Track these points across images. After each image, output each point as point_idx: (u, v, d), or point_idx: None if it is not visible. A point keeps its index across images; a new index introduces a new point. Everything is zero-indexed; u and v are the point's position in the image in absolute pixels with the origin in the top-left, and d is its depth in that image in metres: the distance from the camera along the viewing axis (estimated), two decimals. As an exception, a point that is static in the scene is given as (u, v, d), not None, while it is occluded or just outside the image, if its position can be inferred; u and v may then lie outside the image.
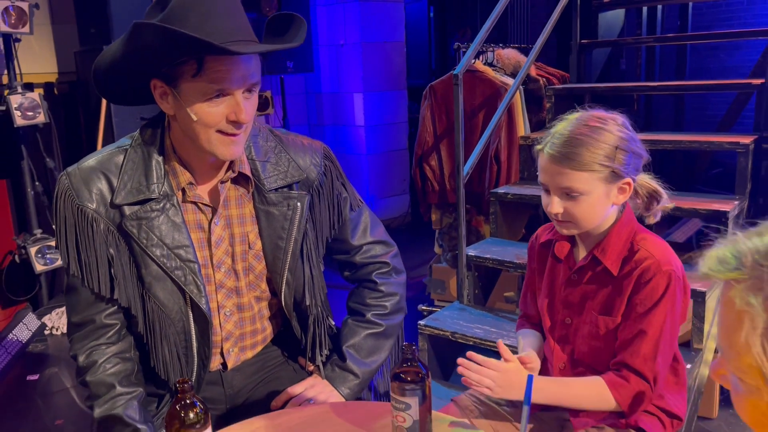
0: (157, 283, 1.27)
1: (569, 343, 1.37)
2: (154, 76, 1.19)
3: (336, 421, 1.21)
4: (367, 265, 1.49)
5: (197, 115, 1.16)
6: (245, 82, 1.17)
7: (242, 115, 1.17)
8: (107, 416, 1.25)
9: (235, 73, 1.15)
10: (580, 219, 1.27)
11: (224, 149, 1.21)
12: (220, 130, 1.19)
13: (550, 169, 1.25)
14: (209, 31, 1.10)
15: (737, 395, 0.60)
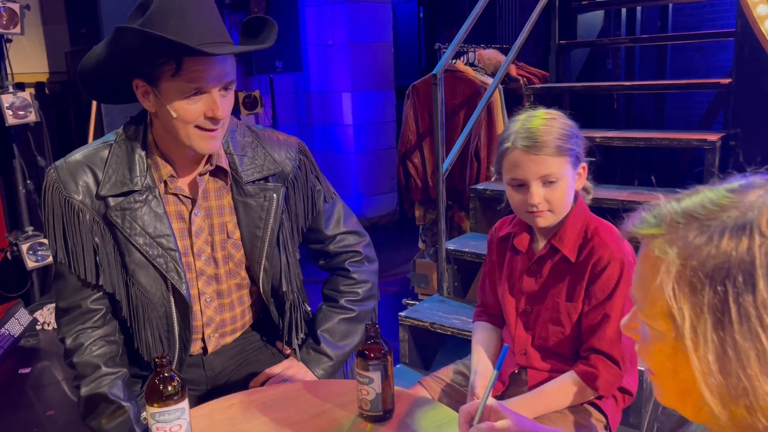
0: (140, 270, 1.35)
1: (530, 330, 1.46)
2: (136, 76, 1.28)
3: (308, 396, 1.30)
4: (340, 254, 1.58)
5: (177, 112, 1.25)
6: (221, 81, 1.26)
7: (219, 112, 1.26)
8: (93, 395, 1.33)
9: (211, 72, 1.23)
10: (557, 205, 1.36)
11: (202, 143, 1.29)
12: (198, 126, 1.27)
13: (526, 160, 1.33)
14: (186, 33, 1.19)
15: (644, 344, 0.67)
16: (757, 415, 0.56)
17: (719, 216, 0.60)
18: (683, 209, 0.63)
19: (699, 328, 0.58)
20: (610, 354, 1.33)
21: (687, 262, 0.60)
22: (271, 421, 1.21)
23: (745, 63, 2.77)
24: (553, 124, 1.36)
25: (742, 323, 0.56)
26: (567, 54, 3.76)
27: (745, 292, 0.56)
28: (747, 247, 0.57)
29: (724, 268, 0.57)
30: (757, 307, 0.56)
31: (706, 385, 0.58)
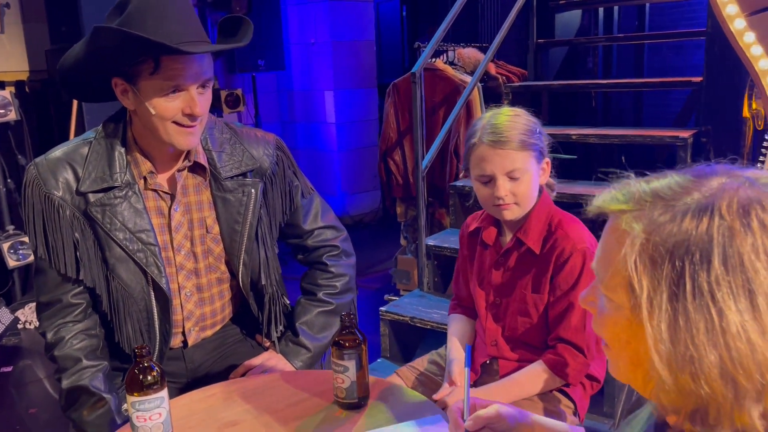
0: (121, 265, 1.38)
1: (500, 321, 1.51)
2: (114, 75, 1.30)
3: (286, 386, 1.34)
4: (318, 248, 1.62)
5: (155, 109, 1.28)
6: (198, 79, 1.29)
7: (196, 109, 1.29)
8: (74, 387, 1.35)
9: (188, 70, 1.27)
10: (523, 198, 1.41)
11: (181, 139, 1.32)
12: (176, 122, 1.30)
13: (493, 155, 1.38)
14: (164, 33, 1.22)
15: (601, 316, 0.71)
16: (701, 382, 0.60)
17: (683, 198, 0.64)
18: (651, 189, 0.67)
19: (655, 299, 0.62)
20: (575, 343, 1.38)
21: (650, 237, 0.64)
22: (251, 410, 1.24)
23: (716, 61, 2.84)
24: (518, 120, 1.41)
25: (695, 296, 0.60)
26: (545, 53, 3.82)
27: (700, 268, 0.60)
28: (706, 228, 0.61)
29: (684, 245, 0.61)
30: (710, 283, 0.60)
31: (657, 352, 0.62)
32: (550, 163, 1.47)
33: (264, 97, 5.57)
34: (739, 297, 0.59)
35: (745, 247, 0.60)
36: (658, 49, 5.37)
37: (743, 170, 0.66)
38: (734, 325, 0.59)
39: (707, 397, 0.61)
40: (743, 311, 0.59)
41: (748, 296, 0.59)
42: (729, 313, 0.59)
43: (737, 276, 0.59)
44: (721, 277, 0.60)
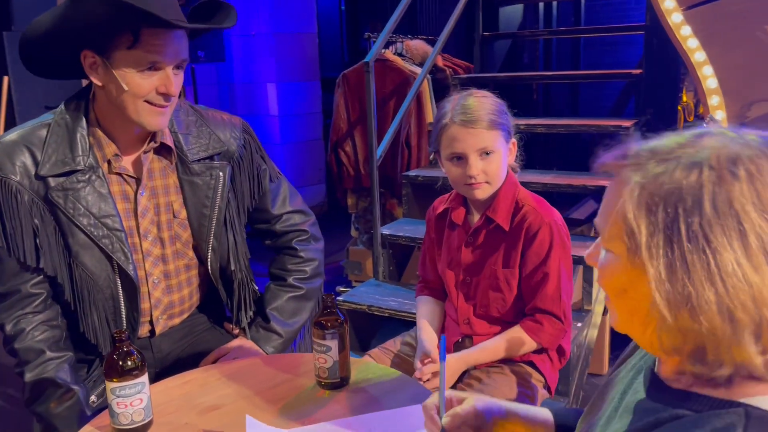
0: (85, 252, 1.32)
1: (471, 299, 1.54)
2: (85, 47, 1.25)
3: (263, 369, 1.32)
4: (287, 233, 1.60)
5: (129, 85, 1.23)
6: (176, 57, 1.25)
7: (172, 88, 1.25)
8: (39, 380, 1.29)
9: (168, 47, 1.23)
10: (493, 176, 1.44)
11: (151, 119, 1.28)
12: (148, 101, 1.26)
13: (464, 134, 1.41)
14: (149, 3, 1.17)
15: (602, 269, 0.75)
16: (699, 318, 0.64)
17: (677, 152, 0.68)
18: (649, 147, 0.71)
19: (653, 243, 0.66)
20: (552, 311, 1.43)
21: (646, 187, 0.67)
22: (230, 393, 1.22)
23: (654, 54, 2.98)
24: (486, 101, 1.45)
25: (690, 239, 0.64)
26: (491, 45, 3.90)
27: (693, 213, 0.64)
28: (697, 177, 0.65)
29: (676, 193, 0.65)
30: (703, 226, 0.63)
31: (658, 291, 0.65)
32: (516, 144, 1.51)
33: (204, 89, 5.44)
34: (732, 237, 0.63)
35: (733, 193, 0.63)
36: (592, 46, 5.58)
37: (735, 130, 0.70)
38: (729, 264, 0.62)
39: (707, 333, 0.64)
40: (736, 250, 0.62)
41: (739, 237, 0.63)
42: (723, 252, 0.62)
43: (728, 219, 0.63)
44: (714, 221, 0.63)
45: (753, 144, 0.67)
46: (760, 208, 0.63)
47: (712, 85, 2.68)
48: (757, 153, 0.66)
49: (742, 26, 2.56)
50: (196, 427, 1.12)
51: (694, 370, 0.68)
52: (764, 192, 0.64)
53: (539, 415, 1.05)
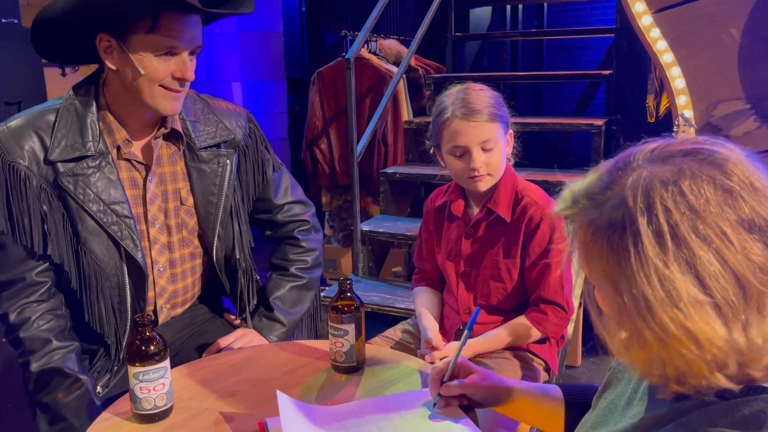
0: (93, 238, 1.30)
1: (471, 289, 1.57)
2: (102, 30, 1.23)
3: (276, 355, 1.32)
4: (288, 223, 1.60)
5: (145, 69, 1.22)
6: (192, 43, 1.25)
7: (188, 73, 1.25)
8: (46, 369, 1.26)
9: (186, 32, 1.23)
10: (495, 169, 1.47)
11: (166, 104, 1.27)
12: (163, 86, 1.25)
13: (467, 127, 1.43)
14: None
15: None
16: (652, 353, 0.66)
17: (606, 192, 0.70)
18: (586, 189, 0.73)
19: (602, 288, 0.70)
20: (555, 300, 1.47)
21: (586, 235, 0.71)
22: (247, 380, 1.22)
23: (624, 55, 3.09)
24: (484, 94, 1.48)
25: (623, 282, 0.66)
26: (462, 46, 3.97)
27: (622, 257, 0.65)
28: (620, 219, 0.66)
29: (608, 239, 0.67)
30: (630, 271, 0.65)
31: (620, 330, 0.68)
32: (513, 135, 1.55)
33: (168, 87, 5.36)
34: (653, 281, 0.64)
35: (646, 235, 0.64)
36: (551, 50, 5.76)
37: (670, 140, 0.71)
38: (654, 305, 0.64)
39: (666, 364, 0.66)
40: (658, 292, 0.64)
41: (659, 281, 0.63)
42: (647, 294, 0.64)
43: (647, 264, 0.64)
44: (637, 266, 0.65)
45: (674, 157, 0.68)
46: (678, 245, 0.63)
47: (679, 86, 2.80)
48: (676, 172, 0.66)
49: (708, 29, 2.68)
50: (217, 411, 1.12)
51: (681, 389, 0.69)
52: (681, 225, 0.63)
53: (547, 391, 1.08)
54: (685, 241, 0.63)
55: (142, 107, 1.28)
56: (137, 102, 1.27)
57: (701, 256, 0.63)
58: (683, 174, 0.65)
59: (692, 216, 0.63)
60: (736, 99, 2.71)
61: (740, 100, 2.71)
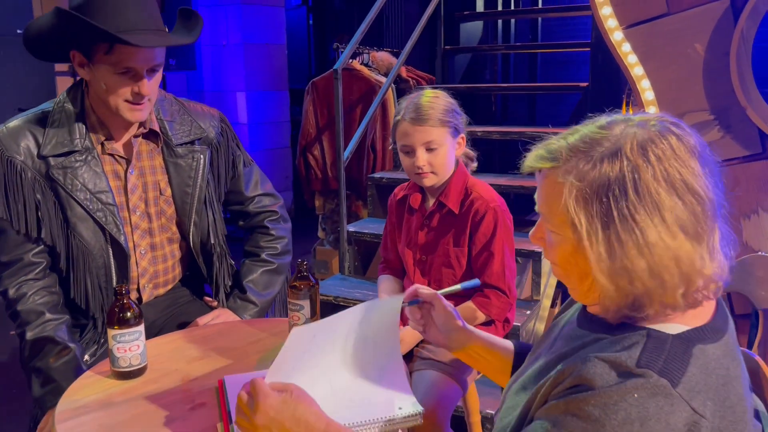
0: (81, 223, 1.48)
1: (426, 275, 1.74)
2: (72, 48, 1.42)
3: (243, 329, 1.49)
4: (259, 213, 1.78)
5: (107, 84, 1.41)
6: (148, 63, 1.42)
7: (144, 89, 1.42)
8: (39, 338, 1.43)
9: (139, 54, 1.39)
10: (439, 168, 1.63)
11: (129, 114, 1.45)
12: (126, 100, 1.43)
13: (413, 130, 1.60)
14: (121, 19, 1.34)
15: (551, 247, 0.88)
16: (635, 283, 0.79)
17: (597, 148, 0.82)
18: (569, 145, 0.84)
19: (592, 230, 0.80)
20: (498, 286, 1.63)
21: (580, 184, 0.81)
22: (214, 348, 1.38)
23: (599, 68, 3.25)
24: (437, 101, 1.64)
25: (622, 221, 0.78)
26: (451, 58, 4.14)
27: (621, 199, 0.78)
28: (618, 168, 0.79)
29: (606, 185, 0.79)
30: (630, 210, 0.78)
31: (600, 270, 0.80)
32: (465, 138, 1.71)
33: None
34: (652, 215, 0.78)
35: (647, 178, 0.78)
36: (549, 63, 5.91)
37: (633, 116, 0.86)
38: (653, 236, 0.78)
39: (642, 293, 0.80)
40: (657, 225, 0.78)
41: (658, 213, 0.78)
42: (648, 228, 0.78)
43: (647, 200, 0.78)
44: (637, 204, 0.78)
45: (654, 128, 0.82)
46: (670, 184, 0.78)
47: (649, 97, 2.95)
48: (657, 134, 0.80)
49: (675, 44, 2.83)
50: (184, 372, 1.28)
51: (629, 314, 0.82)
52: (671, 170, 0.78)
53: (502, 343, 1.21)
54: (675, 183, 0.78)
55: (114, 113, 1.46)
56: (109, 109, 1.45)
57: (686, 194, 0.78)
58: (665, 133, 0.80)
59: (677, 164, 0.79)
60: (701, 110, 2.85)
61: (705, 111, 2.85)
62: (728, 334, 0.84)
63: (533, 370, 0.95)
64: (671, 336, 0.80)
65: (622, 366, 0.76)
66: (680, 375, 0.75)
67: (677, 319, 0.82)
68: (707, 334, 0.82)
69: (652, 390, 0.73)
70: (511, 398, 0.96)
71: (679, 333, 0.81)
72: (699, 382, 0.76)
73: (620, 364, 0.76)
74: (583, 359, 0.79)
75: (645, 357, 0.76)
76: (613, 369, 0.76)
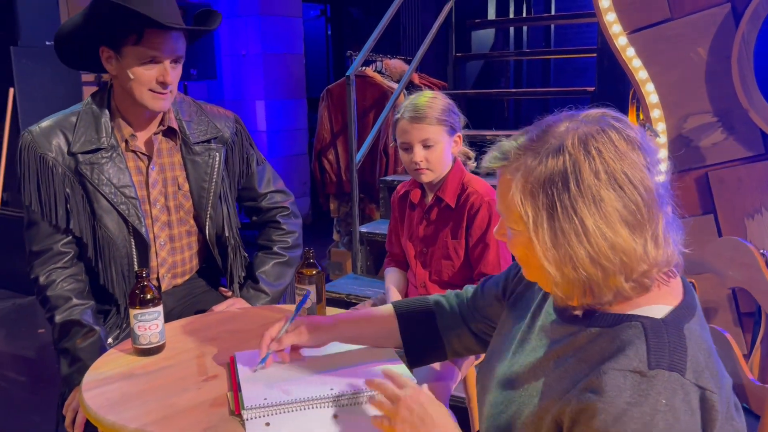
0: (107, 216, 1.60)
1: (427, 266, 1.83)
2: (102, 44, 1.55)
3: (254, 314, 1.60)
4: (271, 209, 1.89)
5: (134, 74, 1.53)
6: (173, 53, 1.55)
7: (168, 78, 1.55)
8: (66, 321, 1.56)
9: (165, 44, 1.53)
10: (435, 164, 1.73)
11: (153, 102, 1.57)
12: (150, 89, 1.56)
13: (411, 128, 1.71)
14: (151, 11, 1.47)
15: (510, 241, 0.95)
16: (579, 270, 0.85)
17: (543, 145, 0.88)
18: (519, 144, 0.91)
19: (538, 222, 0.87)
20: (492, 274, 1.71)
21: (527, 179, 0.88)
22: (228, 330, 1.49)
23: (605, 72, 3.33)
24: (434, 101, 1.75)
25: (564, 212, 0.84)
26: (463, 65, 4.25)
27: (563, 192, 0.84)
28: (561, 162, 0.86)
29: (550, 179, 0.86)
30: (571, 200, 0.84)
31: (546, 258, 0.87)
32: (462, 137, 1.81)
33: (196, 105, 5.73)
34: (591, 207, 0.84)
35: (587, 171, 0.84)
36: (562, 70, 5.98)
37: (579, 112, 0.92)
38: (591, 227, 0.84)
39: (587, 280, 0.86)
40: (595, 214, 0.84)
41: (596, 204, 0.84)
42: (586, 218, 0.84)
43: (587, 192, 0.84)
44: (577, 195, 0.84)
45: (594, 121, 0.88)
46: (610, 176, 0.83)
47: (653, 100, 3.02)
48: (598, 129, 0.86)
49: (678, 48, 2.90)
50: (199, 349, 1.39)
51: (587, 302, 0.89)
52: (611, 162, 0.84)
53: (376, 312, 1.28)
54: (614, 175, 0.83)
55: (138, 106, 1.59)
56: (134, 102, 1.58)
57: (625, 185, 0.84)
58: (606, 128, 0.87)
59: (616, 156, 0.85)
60: (705, 112, 2.90)
61: (708, 114, 2.90)
62: (698, 308, 0.91)
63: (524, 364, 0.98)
64: (662, 322, 0.86)
65: (637, 372, 0.80)
66: (684, 362, 0.81)
67: (654, 300, 0.88)
68: (686, 312, 0.88)
69: (671, 387, 0.79)
70: (498, 391, 1.01)
71: (665, 317, 0.86)
72: (698, 362, 0.82)
73: (635, 369, 0.81)
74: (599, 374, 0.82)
75: (653, 356, 0.81)
76: (629, 379, 0.80)
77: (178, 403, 1.16)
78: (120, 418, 1.11)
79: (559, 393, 0.88)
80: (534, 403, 0.92)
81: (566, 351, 0.92)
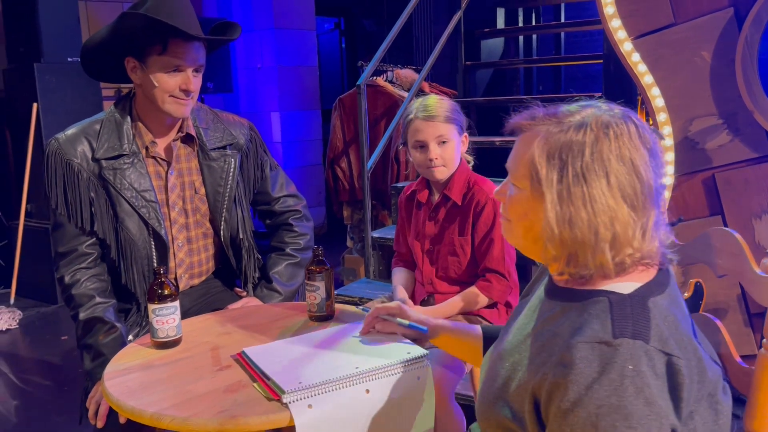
0: (128, 218, 1.69)
1: (434, 263, 1.90)
2: (128, 54, 1.64)
3: (266, 311, 1.67)
4: (284, 212, 1.97)
5: (158, 82, 1.63)
6: (195, 63, 1.65)
7: (190, 85, 1.64)
8: (90, 318, 1.64)
9: (188, 54, 1.62)
10: (449, 160, 1.81)
11: (176, 108, 1.66)
12: (173, 96, 1.65)
13: (425, 126, 1.80)
14: (177, 21, 1.57)
15: (509, 199, 1.03)
16: (575, 231, 0.93)
17: (569, 118, 0.98)
18: (550, 112, 1.01)
19: (548, 180, 0.95)
20: (498, 270, 1.78)
21: (548, 140, 0.97)
22: (240, 325, 1.57)
23: (611, 77, 3.38)
24: (443, 102, 1.84)
25: (574, 176, 0.94)
26: (472, 73, 4.32)
27: (577, 159, 0.94)
28: (582, 135, 0.95)
29: (568, 146, 0.94)
30: (582, 168, 0.93)
31: (548, 212, 0.94)
32: (468, 138, 1.88)
33: (213, 117, 5.85)
34: (601, 178, 0.93)
35: (604, 147, 0.93)
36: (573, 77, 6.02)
37: (602, 104, 1.01)
38: (597, 194, 0.93)
39: (579, 243, 0.94)
40: (603, 185, 0.93)
41: (605, 176, 0.93)
42: (594, 187, 0.93)
43: (599, 164, 0.93)
44: (590, 164, 0.93)
45: (617, 114, 0.98)
46: (620, 158, 0.93)
47: (659, 104, 3.07)
48: (621, 119, 0.96)
49: (683, 52, 2.95)
50: (214, 343, 1.47)
51: (568, 270, 0.97)
52: (623, 149, 0.94)
53: (470, 330, 1.37)
54: (625, 159, 0.92)
55: (160, 113, 1.68)
56: (156, 109, 1.67)
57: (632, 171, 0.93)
58: (627, 121, 0.95)
59: (631, 145, 0.93)
60: (710, 115, 2.94)
61: (713, 116, 2.94)
62: (670, 287, 0.97)
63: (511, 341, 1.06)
64: (627, 296, 0.93)
65: (603, 342, 0.86)
66: (648, 331, 0.87)
67: (626, 279, 0.95)
68: (654, 287, 0.95)
69: (636, 354, 0.84)
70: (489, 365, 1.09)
71: (632, 292, 0.94)
72: (663, 331, 0.88)
73: (600, 340, 0.87)
74: (569, 348, 0.88)
75: (617, 327, 0.88)
76: (596, 350, 0.86)
77: (193, 389, 1.23)
78: (139, 404, 1.19)
79: (536, 366, 0.94)
80: (518, 377, 0.98)
81: (544, 326, 0.99)
